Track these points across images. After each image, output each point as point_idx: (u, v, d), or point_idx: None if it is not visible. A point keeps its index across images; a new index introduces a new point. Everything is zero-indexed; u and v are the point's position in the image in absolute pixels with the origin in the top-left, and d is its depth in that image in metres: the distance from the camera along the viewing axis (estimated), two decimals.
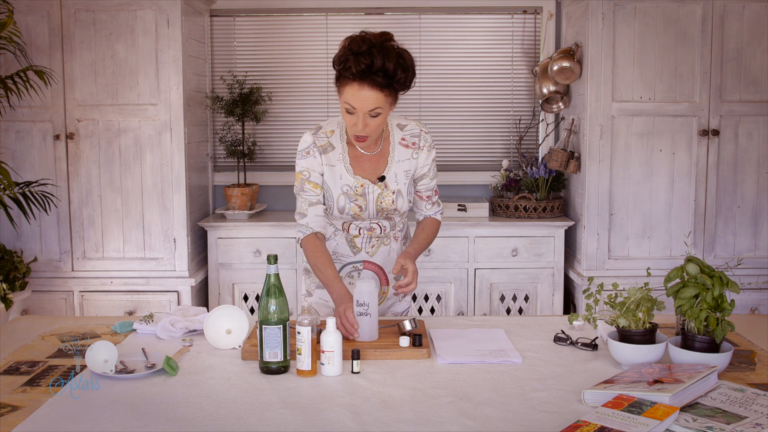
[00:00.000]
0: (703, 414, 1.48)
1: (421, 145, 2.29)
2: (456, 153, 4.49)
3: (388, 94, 2.09)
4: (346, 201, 2.24)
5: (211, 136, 4.41)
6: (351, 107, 2.08)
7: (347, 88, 2.07)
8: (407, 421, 1.54)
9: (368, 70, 2.02)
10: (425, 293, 4.03)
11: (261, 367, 1.83)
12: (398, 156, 2.28)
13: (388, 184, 2.26)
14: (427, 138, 2.31)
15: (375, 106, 2.07)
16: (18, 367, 1.90)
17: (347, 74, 2.04)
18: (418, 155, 2.29)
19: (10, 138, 3.82)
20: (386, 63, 2.03)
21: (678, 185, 3.85)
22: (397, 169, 2.27)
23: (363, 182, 2.24)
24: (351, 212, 2.25)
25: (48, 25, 3.75)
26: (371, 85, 2.04)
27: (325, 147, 2.25)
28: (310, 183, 2.24)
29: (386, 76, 2.04)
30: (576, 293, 4.03)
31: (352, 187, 2.24)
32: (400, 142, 2.28)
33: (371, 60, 2.02)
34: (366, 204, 2.25)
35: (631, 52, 3.78)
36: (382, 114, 2.11)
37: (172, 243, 3.85)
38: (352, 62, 2.03)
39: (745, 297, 3.84)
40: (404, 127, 2.30)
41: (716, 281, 1.79)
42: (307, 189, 2.24)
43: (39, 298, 3.89)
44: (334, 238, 2.34)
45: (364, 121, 2.10)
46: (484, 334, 2.13)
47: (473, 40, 4.43)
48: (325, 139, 2.26)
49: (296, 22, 4.40)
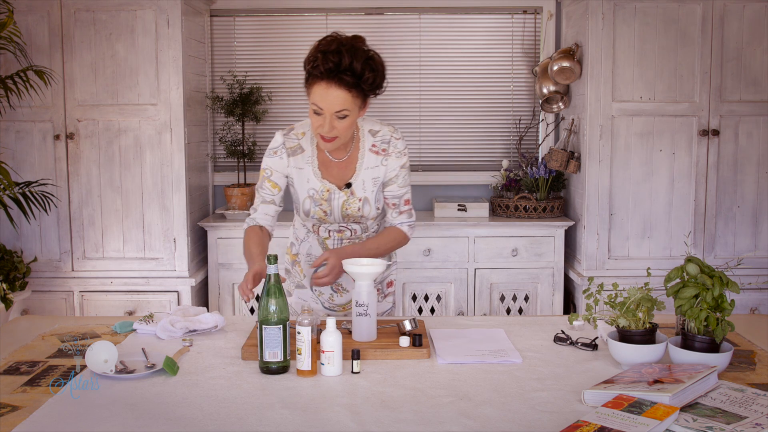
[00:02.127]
0: (703, 414, 1.48)
1: (390, 151, 2.25)
2: (456, 153, 4.49)
3: (356, 95, 2.07)
4: (311, 205, 2.25)
5: (211, 136, 4.41)
6: (318, 107, 2.07)
7: (315, 88, 2.07)
8: (407, 421, 1.54)
9: (336, 68, 2.02)
10: (425, 293, 4.03)
11: (261, 367, 1.83)
12: (367, 163, 2.25)
13: (354, 191, 2.25)
14: (398, 144, 2.26)
15: (342, 107, 2.06)
16: (18, 367, 1.89)
17: (315, 72, 2.05)
18: (387, 162, 2.26)
19: (10, 138, 3.82)
20: (354, 62, 2.03)
21: (678, 185, 3.85)
22: (366, 176, 2.25)
23: (329, 187, 2.24)
24: (316, 216, 2.27)
25: (48, 25, 3.75)
26: (339, 84, 2.03)
27: (294, 149, 2.25)
28: (269, 182, 2.26)
29: (354, 76, 2.04)
30: (576, 293, 4.03)
31: (318, 191, 2.25)
32: (371, 149, 2.26)
33: (339, 58, 2.02)
34: (331, 210, 2.26)
35: (631, 52, 3.78)
36: (350, 116, 2.09)
37: (172, 243, 3.85)
38: (320, 61, 2.03)
39: (745, 297, 3.84)
40: (376, 133, 2.27)
41: (716, 281, 1.79)
42: (265, 187, 2.26)
43: (39, 298, 3.89)
44: (307, 240, 2.37)
45: (331, 122, 2.08)
46: (484, 334, 2.13)
47: (473, 40, 4.43)
48: (295, 140, 2.26)
49: (296, 22, 4.40)
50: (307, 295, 2.43)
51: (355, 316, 2.02)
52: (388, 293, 2.50)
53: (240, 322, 2.28)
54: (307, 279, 2.08)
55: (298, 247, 2.42)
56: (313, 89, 2.07)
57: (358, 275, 2.03)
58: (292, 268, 2.46)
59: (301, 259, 2.42)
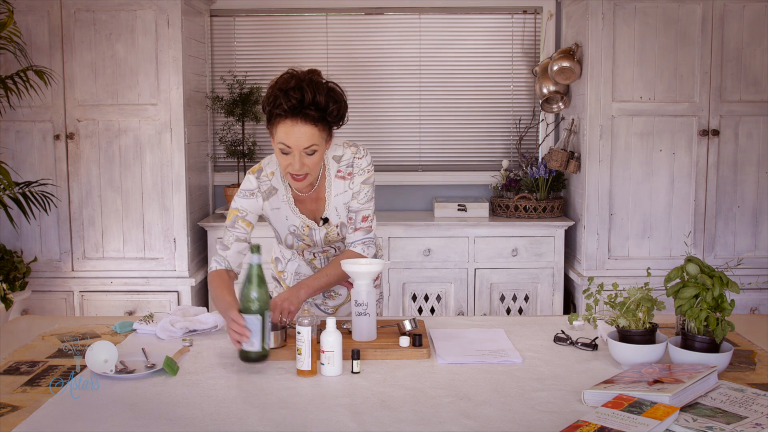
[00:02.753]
0: (703, 414, 1.48)
1: (354, 172, 2.23)
2: (456, 153, 4.49)
3: (322, 129, 2.05)
4: (294, 240, 2.28)
5: (211, 136, 4.41)
6: (286, 146, 2.04)
7: (280, 127, 2.03)
8: (407, 421, 1.54)
9: (299, 105, 2.00)
10: (425, 293, 4.03)
11: (240, 356, 1.84)
12: (335, 190, 2.23)
13: (331, 221, 2.25)
14: (361, 163, 2.23)
15: (310, 142, 2.03)
16: (18, 367, 1.90)
17: (278, 111, 2.01)
18: (352, 185, 2.24)
19: (10, 138, 3.82)
20: (317, 96, 2.01)
21: (678, 185, 3.85)
22: (337, 202, 2.24)
23: (309, 223, 2.25)
24: (300, 247, 2.30)
25: (48, 25, 3.75)
26: (304, 120, 2.01)
27: (269, 191, 2.23)
28: (244, 221, 2.21)
29: (318, 110, 2.01)
30: (576, 293, 4.03)
31: (298, 228, 2.26)
32: (336, 175, 2.23)
33: (301, 94, 1.99)
34: (313, 241, 2.28)
35: (631, 52, 3.78)
36: (318, 151, 2.07)
37: (172, 243, 3.85)
38: (282, 99, 2.00)
39: (745, 297, 3.84)
40: (340, 158, 2.23)
41: (716, 281, 1.79)
42: (238, 226, 2.21)
43: (39, 298, 3.89)
44: (294, 260, 2.39)
45: (301, 160, 2.05)
46: (484, 334, 2.13)
47: (473, 40, 4.43)
48: (267, 182, 2.23)
49: (296, 22, 4.40)
50: None
51: (355, 315, 2.02)
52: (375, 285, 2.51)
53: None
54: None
55: (284, 265, 2.45)
56: (278, 128, 2.04)
57: (357, 275, 2.04)
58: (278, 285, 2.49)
59: (287, 277, 2.44)
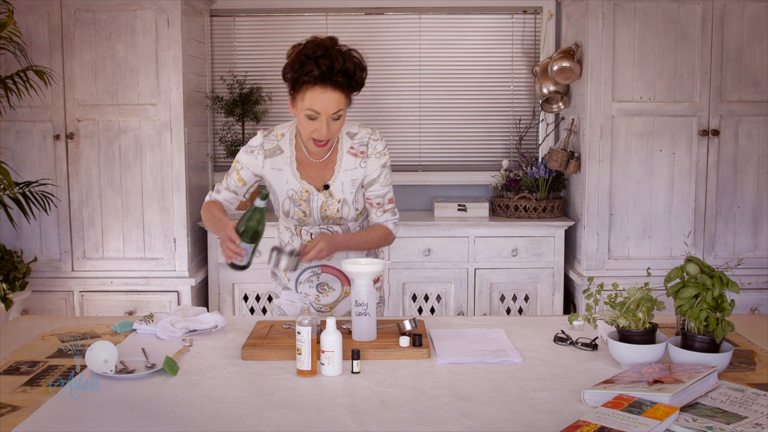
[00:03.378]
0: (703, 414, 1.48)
1: (369, 153, 2.27)
2: (456, 153, 4.49)
3: (347, 95, 2.13)
4: (290, 205, 2.28)
5: (211, 136, 4.41)
6: (314, 112, 2.10)
7: (309, 93, 2.08)
8: (407, 421, 1.54)
9: (329, 72, 2.05)
10: (425, 293, 4.03)
11: (228, 264, 2.12)
12: (345, 165, 2.27)
13: (333, 192, 2.27)
14: (377, 145, 2.28)
15: (338, 108, 2.11)
16: (18, 367, 1.90)
17: (308, 78, 2.06)
18: (366, 164, 2.27)
19: (10, 138, 3.82)
20: (346, 63, 2.07)
21: (678, 185, 3.85)
22: (344, 177, 2.27)
23: (308, 188, 2.26)
24: (295, 216, 2.29)
25: (48, 25, 3.75)
26: (333, 86, 2.07)
27: (273, 150, 2.27)
28: (237, 174, 2.31)
29: (346, 76, 2.08)
30: (576, 293, 4.03)
31: (297, 192, 2.27)
32: (349, 151, 2.28)
33: (331, 61, 2.05)
34: (310, 210, 2.28)
35: (631, 52, 3.78)
36: (343, 116, 2.14)
37: (172, 243, 3.85)
38: (312, 66, 2.05)
39: (745, 297, 3.84)
40: (354, 135, 2.29)
41: (716, 281, 1.78)
42: (232, 178, 2.33)
43: (39, 298, 3.89)
44: (292, 243, 2.38)
45: (328, 124, 2.12)
46: (484, 334, 2.13)
47: (473, 40, 4.43)
48: (274, 142, 2.28)
49: (296, 22, 4.40)
50: (294, 296, 2.44)
51: (355, 315, 2.02)
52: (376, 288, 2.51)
53: (240, 322, 2.28)
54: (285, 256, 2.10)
55: None
56: (306, 95, 2.09)
57: (357, 275, 2.03)
58: (276, 272, 2.47)
59: None
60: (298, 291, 2.43)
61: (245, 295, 4.05)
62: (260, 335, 2.06)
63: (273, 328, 2.13)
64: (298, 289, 2.42)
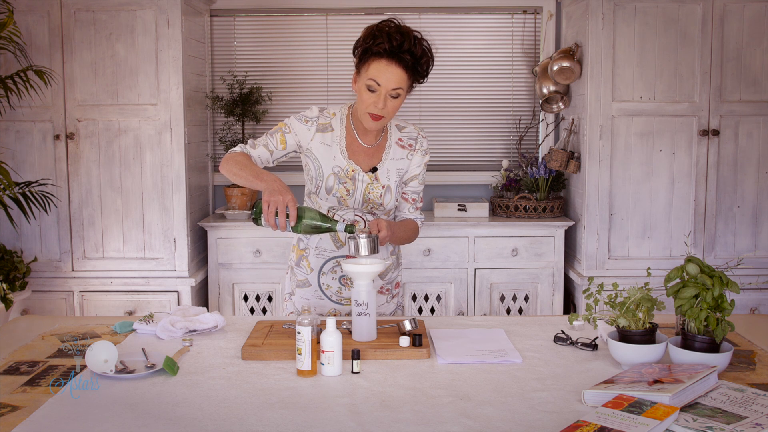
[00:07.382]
0: (703, 414, 1.48)
1: (417, 147, 2.35)
2: (456, 153, 4.49)
3: (409, 77, 2.16)
4: (335, 181, 2.28)
5: (211, 136, 4.41)
6: (375, 84, 2.13)
7: (374, 64, 2.13)
8: (407, 421, 1.54)
9: (399, 48, 2.11)
10: (425, 293, 4.03)
11: (256, 221, 2.07)
12: (393, 154, 2.33)
13: (379, 177, 2.30)
14: (423, 142, 2.37)
15: (398, 85, 2.14)
16: (18, 367, 1.89)
17: (377, 49, 2.12)
18: (412, 157, 2.35)
19: (10, 138, 3.82)
20: (416, 45, 2.13)
21: (678, 185, 3.85)
22: (391, 166, 2.32)
23: (355, 168, 2.29)
24: (338, 194, 2.29)
25: (48, 25, 3.75)
26: (399, 62, 2.12)
27: (325, 126, 2.30)
28: (282, 136, 2.27)
29: (413, 57, 2.13)
30: (576, 293, 4.03)
31: (343, 170, 2.28)
32: (397, 142, 2.34)
33: (402, 38, 2.12)
34: (354, 189, 2.29)
35: (631, 52, 3.78)
36: (401, 97, 2.17)
37: (172, 243, 3.85)
38: (384, 38, 2.11)
39: (745, 297, 3.84)
40: (403, 128, 2.36)
41: (716, 281, 1.78)
42: (274, 138, 2.27)
43: (39, 298, 3.89)
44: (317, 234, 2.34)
45: (385, 100, 2.15)
46: (484, 334, 2.13)
47: (473, 40, 4.43)
48: (328, 118, 2.31)
49: (296, 22, 4.40)
50: (309, 293, 2.42)
51: (355, 315, 2.02)
52: (395, 294, 2.50)
53: (240, 322, 2.28)
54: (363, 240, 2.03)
55: (306, 242, 2.41)
56: (371, 66, 2.14)
57: (356, 275, 2.03)
58: (297, 266, 2.45)
59: (310, 253, 2.40)
60: (320, 283, 2.41)
61: (245, 295, 4.05)
62: (260, 335, 2.06)
63: (273, 328, 2.12)
64: (321, 281, 2.40)
